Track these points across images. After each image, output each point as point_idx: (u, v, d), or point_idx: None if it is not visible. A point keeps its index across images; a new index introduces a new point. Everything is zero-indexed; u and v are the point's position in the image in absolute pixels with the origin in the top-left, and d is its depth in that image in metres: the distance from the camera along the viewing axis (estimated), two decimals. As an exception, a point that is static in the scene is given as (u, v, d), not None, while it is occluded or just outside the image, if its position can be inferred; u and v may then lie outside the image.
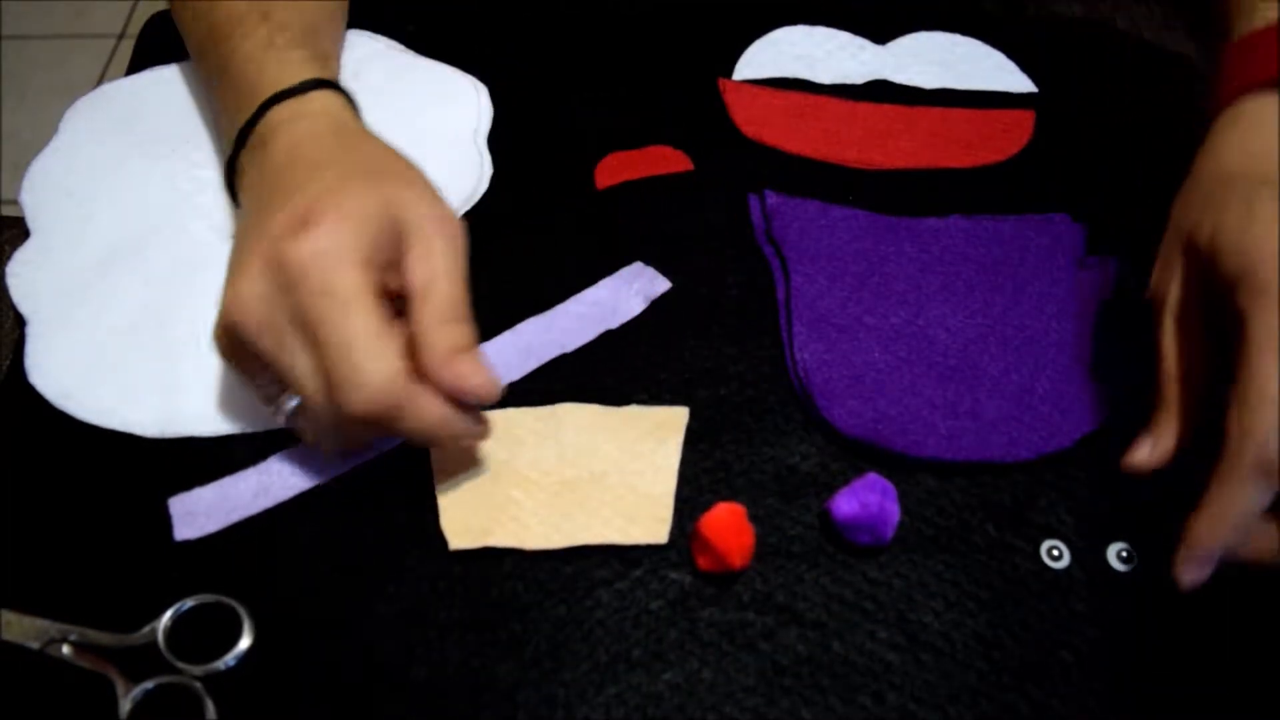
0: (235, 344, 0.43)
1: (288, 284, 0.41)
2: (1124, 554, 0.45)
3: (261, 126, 0.48)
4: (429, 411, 0.41)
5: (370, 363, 0.40)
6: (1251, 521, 0.39)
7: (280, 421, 0.45)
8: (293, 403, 0.44)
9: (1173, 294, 0.44)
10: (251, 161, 0.48)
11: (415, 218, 0.43)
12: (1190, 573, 0.40)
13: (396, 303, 0.43)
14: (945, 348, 0.50)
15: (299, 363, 0.42)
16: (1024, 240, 0.54)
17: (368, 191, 0.43)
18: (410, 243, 0.43)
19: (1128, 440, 0.48)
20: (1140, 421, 0.48)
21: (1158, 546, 0.45)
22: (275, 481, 0.46)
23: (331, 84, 0.49)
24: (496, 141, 0.58)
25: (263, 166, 0.47)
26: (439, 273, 0.42)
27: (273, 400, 0.45)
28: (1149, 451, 0.43)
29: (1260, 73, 0.46)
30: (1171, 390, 0.43)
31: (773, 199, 0.55)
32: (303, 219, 0.41)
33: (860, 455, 0.47)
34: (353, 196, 0.42)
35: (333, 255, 0.41)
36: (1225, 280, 0.41)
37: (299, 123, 0.47)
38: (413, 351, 0.42)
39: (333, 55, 0.54)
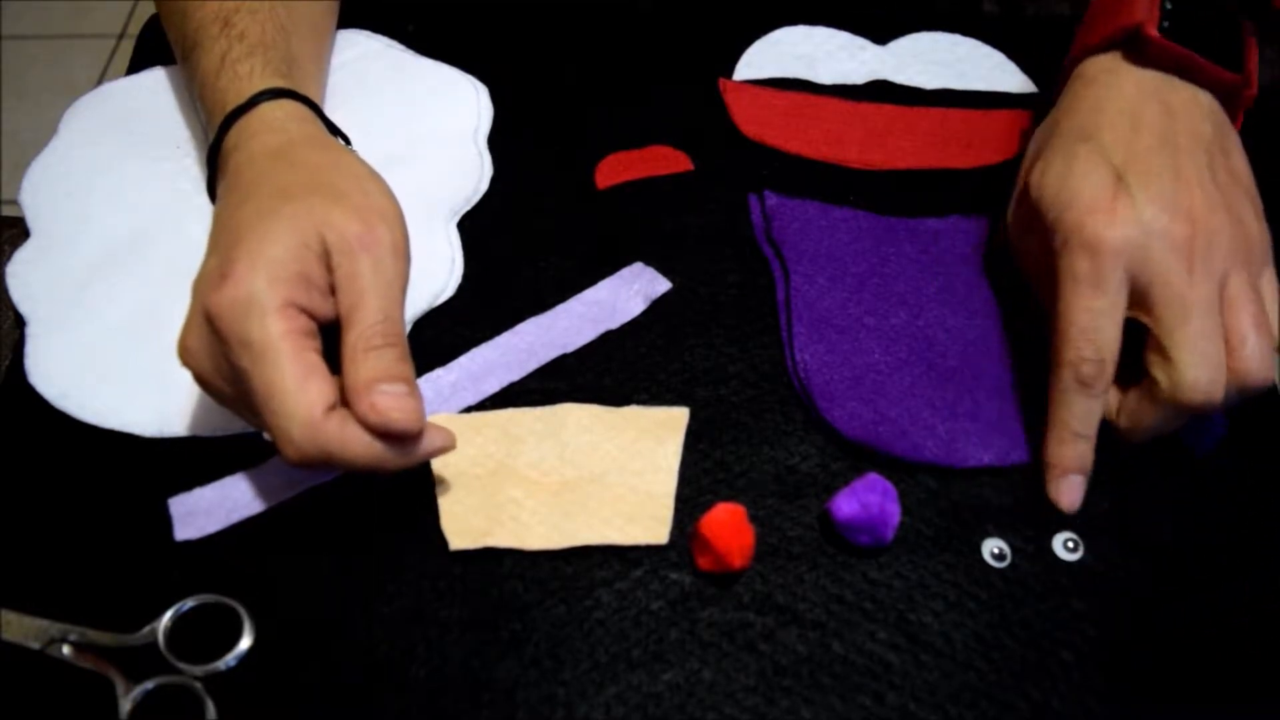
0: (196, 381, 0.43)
1: (217, 332, 0.40)
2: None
3: (224, 148, 0.48)
4: (356, 452, 0.40)
5: (287, 415, 0.39)
6: (1091, 428, 0.45)
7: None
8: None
9: (1013, 225, 0.50)
10: (221, 185, 0.47)
11: (339, 238, 0.42)
12: (1065, 494, 0.46)
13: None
14: (945, 349, 0.50)
15: (240, 407, 0.42)
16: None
17: (293, 219, 0.42)
18: (335, 264, 0.42)
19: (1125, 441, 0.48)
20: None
21: (1158, 546, 0.45)
22: (275, 481, 0.46)
23: (283, 92, 0.48)
24: (496, 141, 0.58)
25: (222, 193, 0.46)
26: (362, 295, 0.41)
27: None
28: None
29: (1096, 35, 0.50)
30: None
31: (772, 199, 0.55)
32: (226, 263, 0.41)
33: (861, 456, 0.47)
34: (269, 235, 0.41)
35: (247, 304, 0.40)
36: (1046, 225, 0.46)
37: (242, 147, 0.47)
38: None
39: (302, 57, 0.53)
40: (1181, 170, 0.45)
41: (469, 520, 0.45)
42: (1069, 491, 0.46)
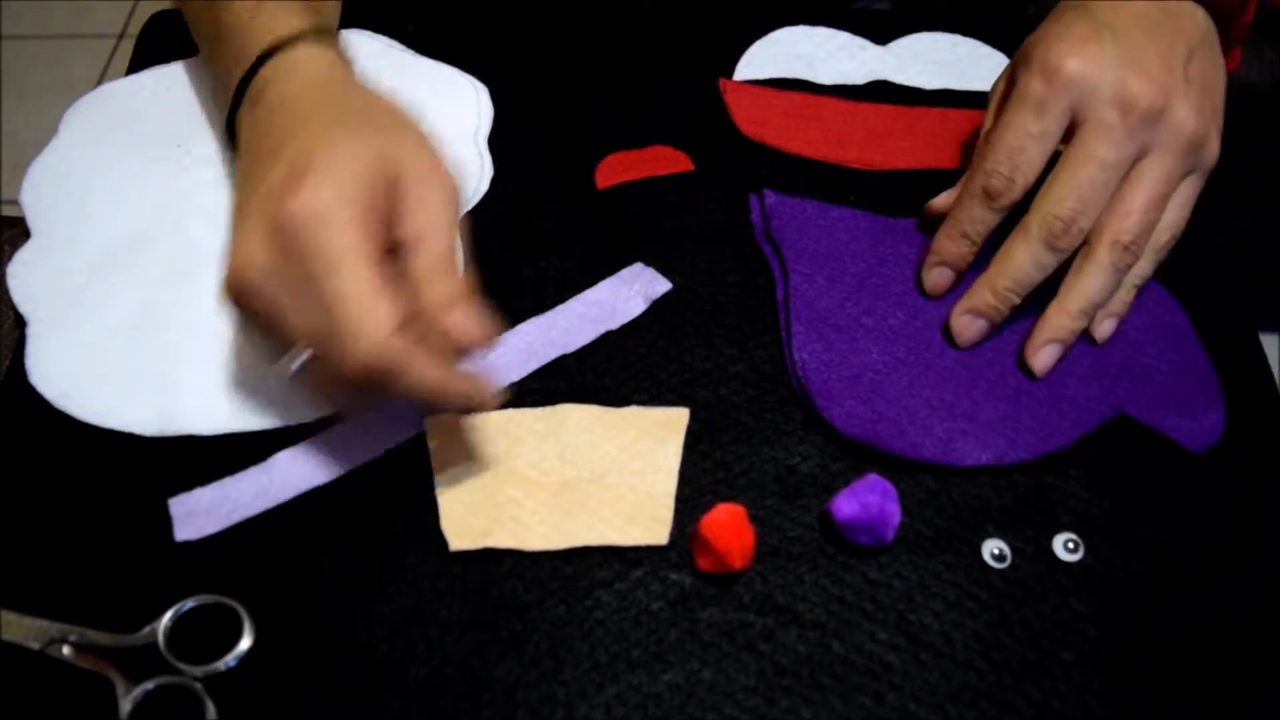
0: (241, 303, 0.43)
1: (284, 245, 0.41)
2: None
3: (257, 80, 0.48)
4: (424, 373, 0.41)
5: (361, 323, 0.40)
6: (979, 235, 0.49)
7: (285, 379, 0.45)
8: (296, 362, 0.44)
9: (998, 89, 0.52)
10: (248, 116, 0.48)
11: (407, 169, 0.43)
12: (932, 280, 0.51)
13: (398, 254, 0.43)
14: (942, 349, 0.50)
15: (299, 321, 0.42)
16: None
17: (358, 144, 0.43)
18: (402, 194, 0.43)
19: (1130, 440, 0.48)
20: (1138, 421, 0.48)
21: (1158, 546, 0.46)
22: (275, 482, 0.46)
23: (324, 34, 0.49)
24: (496, 142, 0.58)
25: (257, 121, 0.47)
26: (430, 225, 0.42)
27: (277, 359, 0.45)
28: (944, 199, 0.52)
29: None
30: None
31: (771, 198, 0.55)
32: (295, 177, 0.41)
33: (860, 456, 0.47)
34: (343, 150, 0.42)
35: (325, 215, 0.40)
36: (1016, 62, 0.49)
37: (291, 76, 0.47)
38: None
39: (331, 18, 0.54)
40: (1160, 49, 0.47)
41: (469, 520, 0.45)
42: (939, 279, 0.51)
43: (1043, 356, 0.48)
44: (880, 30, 0.64)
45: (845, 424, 0.47)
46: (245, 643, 0.42)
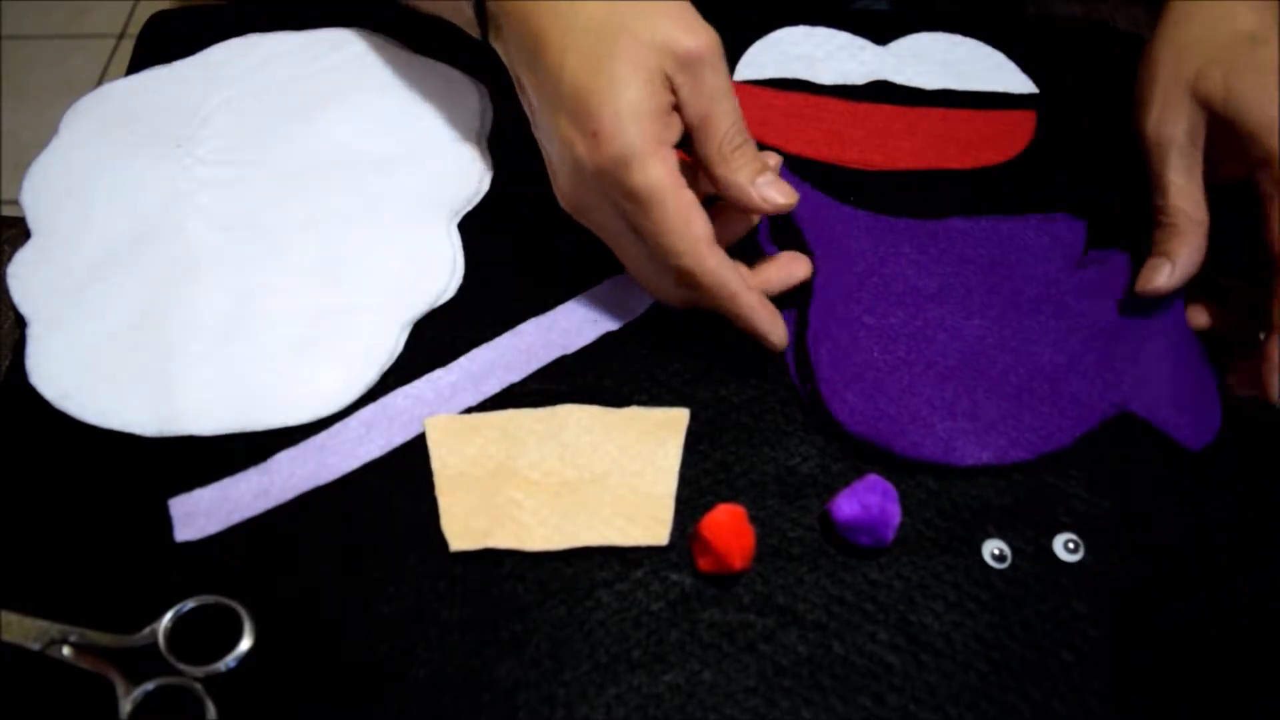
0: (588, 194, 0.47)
1: (602, 189, 0.45)
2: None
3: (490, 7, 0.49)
4: (738, 281, 0.46)
5: (677, 250, 0.45)
6: None
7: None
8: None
9: (1180, 134, 0.49)
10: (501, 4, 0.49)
11: (676, 58, 0.44)
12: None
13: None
14: (943, 348, 0.50)
15: (625, 244, 0.48)
16: (1022, 241, 0.54)
17: (625, 61, 0.44)
18: (678, 83, 0.45)
19: (1130, 440, 0.48)
20: (1138, 421, 0.48)
21: (1158, 546, 0.46)
22: (276, 482, 0.46)
23: None
24: (497, 142, 0.58)
25: (514, 9, 0.48)
26: (713, 102, 0.45)
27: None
28: (1168, 275, 0.49)
29: None
30: (1183, 218, 0.49)
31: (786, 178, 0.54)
32: (586, 127, 0.44)
33: (860, 456, 0.47)
34: (616, 81, 0.44)
35: (624, 158, 0.43)
36: (1248, 128, 0.47)
37: None
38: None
39: None
40: None
41: (469, 521, 0.45)
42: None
43: None
44: (880, 30, 0.64)
45: (850, 419, 0.47)
46: (245, 643, 0.42)
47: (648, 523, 0.45)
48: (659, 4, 0.45)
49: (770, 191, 0.46)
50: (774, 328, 0.48)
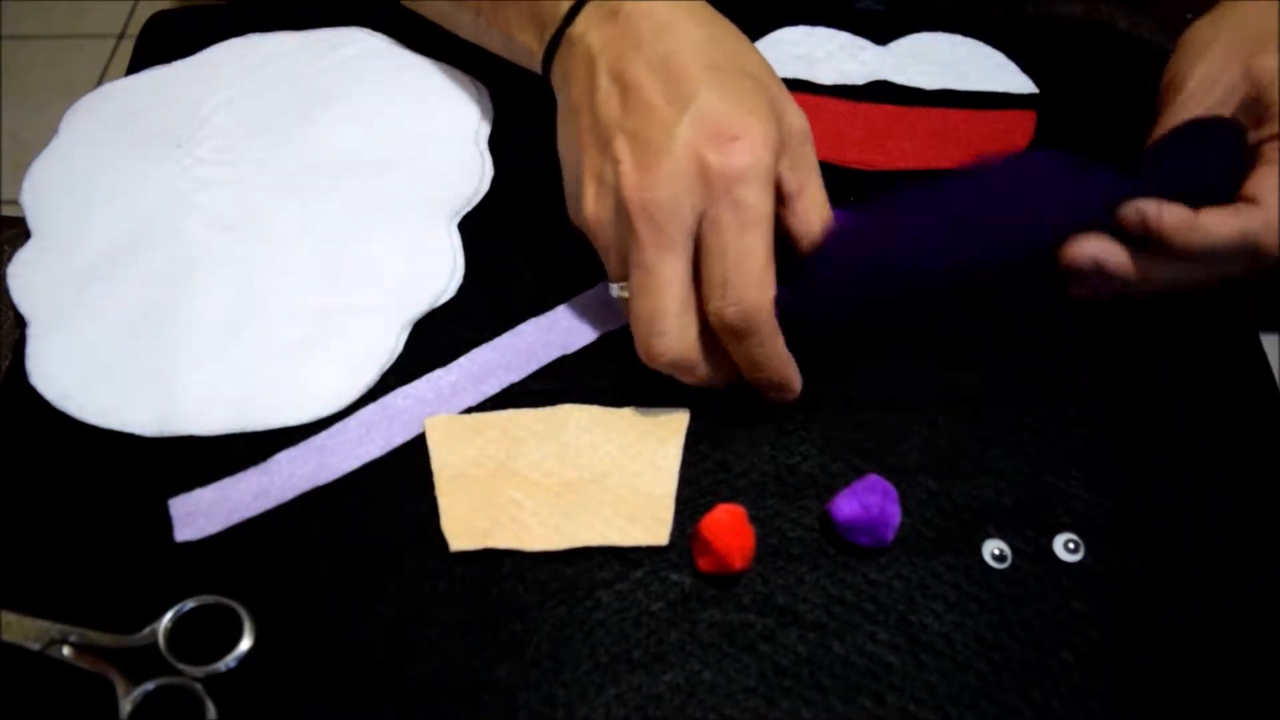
0: (607, 222, 0.46)
1: (708, 189, 0.43)
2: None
3: (572, 32, 0.49)
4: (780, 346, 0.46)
5: (755, 282, 0.43)
6: (1193, 259, 0.46)
7: (613, 295, 0.48)
8: (617, 289, 0.47)
9: (1216, 99, 0.48)
10: (599, 29, 0.48)
11: (789, 125, 0.46)
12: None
13: None
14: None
15: (673, 263, 0.44)
16: (1054, 180, 0.49)
17: (762, 100, 0.45)
18: (790, 151, 0.46)
19: (1130, 440, 0.48)
20: (1138, 421, 0.48)
21: (1158, 546, 0.46)
22: (276, 482, 0.46)
23: None
24: (497, 142, 0.58)
25: (625, 35, 0.47)
26: (810, 176, 0.47)
27: (616, 279, 0.47)
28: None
29: None
30: None
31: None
32: (724, 133, 0.43)
33: (861, 456, 0.47)
34: (757, 110, 0.44)
35: (754, 171, 0.43)
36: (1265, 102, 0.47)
37: (622, 16, 0.47)
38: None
39: None
40: None
41: (469, 521, 0.45)
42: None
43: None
44: (880, 30, 0.64)
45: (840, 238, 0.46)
46: (245, 643, 0.42)
47: (648, 523, 0.45)
48: (767, 69, 0.48)
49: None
50: (796, 376, 0.47)
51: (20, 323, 0.51)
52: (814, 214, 0.47)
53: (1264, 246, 0.45)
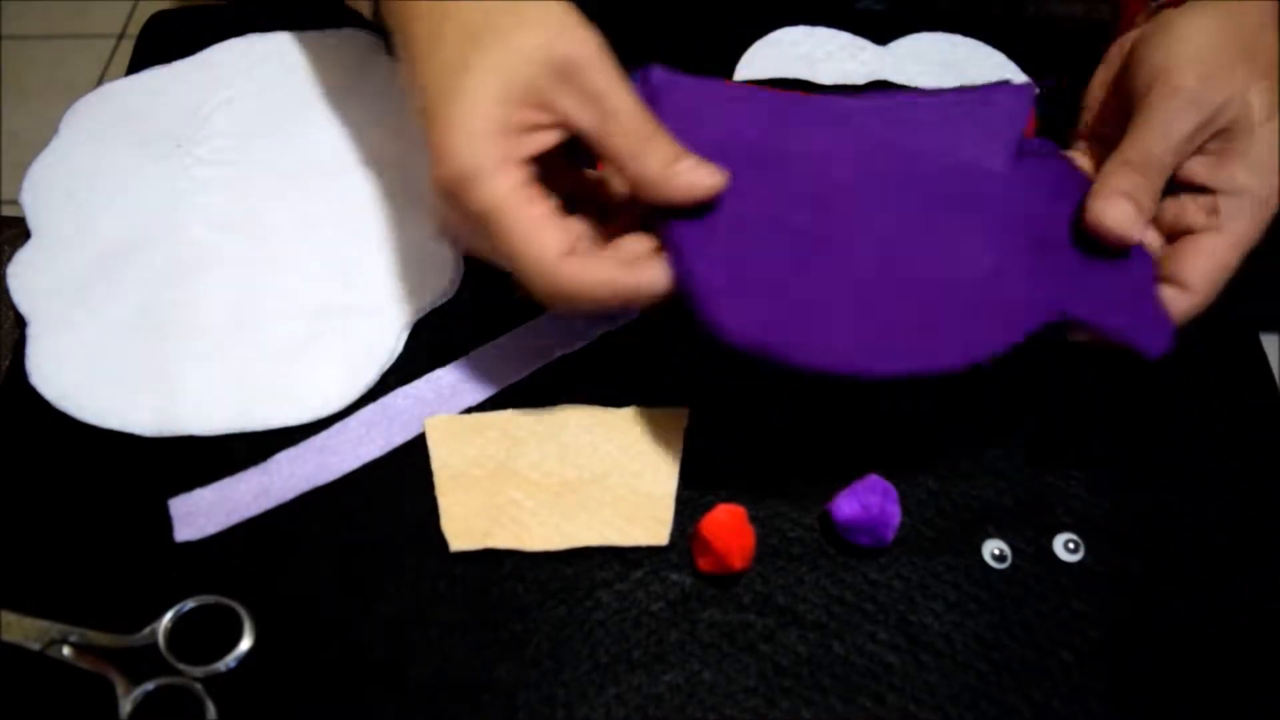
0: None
1: (450, 205, 0.43)
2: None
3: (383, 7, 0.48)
4: (597, 293, 0.42)
5: (526, 266, 0.42)
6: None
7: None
8: None
9: (1213, 104, 0.45)
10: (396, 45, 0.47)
11: (550, 64, 0.42)
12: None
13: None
14: (856, 247, 0.44)
15: (491, 256, 0.44)
16: (954, 124, 0.47)
17: (492, 67, 0.42)
18: (556, 92, 0.42)
19: (1129, 440, 0.48)
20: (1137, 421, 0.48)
21: (1158, 546, 0.46)
22: (276, 482, 0.46)
23: None
24: (497, 142, 0.58)
25: (400, 51, 0.47)
26: (603, 105, 0.42)
27: None
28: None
29: None
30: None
31: (659, 76, 0.46)
32: (433, 145, 0.42)
33: (861, 455, 0.47)
34: (466, 97, 0.42)
35: (464, 176, 0.41)
36: (1143, 78, 0.46)
37: None
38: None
39: None
40: None
41: (469, 521, 0.45)
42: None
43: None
44: (880, 30, 0.64)
45: (736, 324, 0.42)
46: (245, 643, 0.42)
47: (648, 523, 0.45)
48: (533, 9, 0.43)
49: (691, 176, 0.42)
50: (647, 295, 0.43)
51: (20, 323, 0.51)
52: (627, 143, 0.42)
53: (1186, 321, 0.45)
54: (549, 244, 0.42)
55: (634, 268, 0.43)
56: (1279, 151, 0.45)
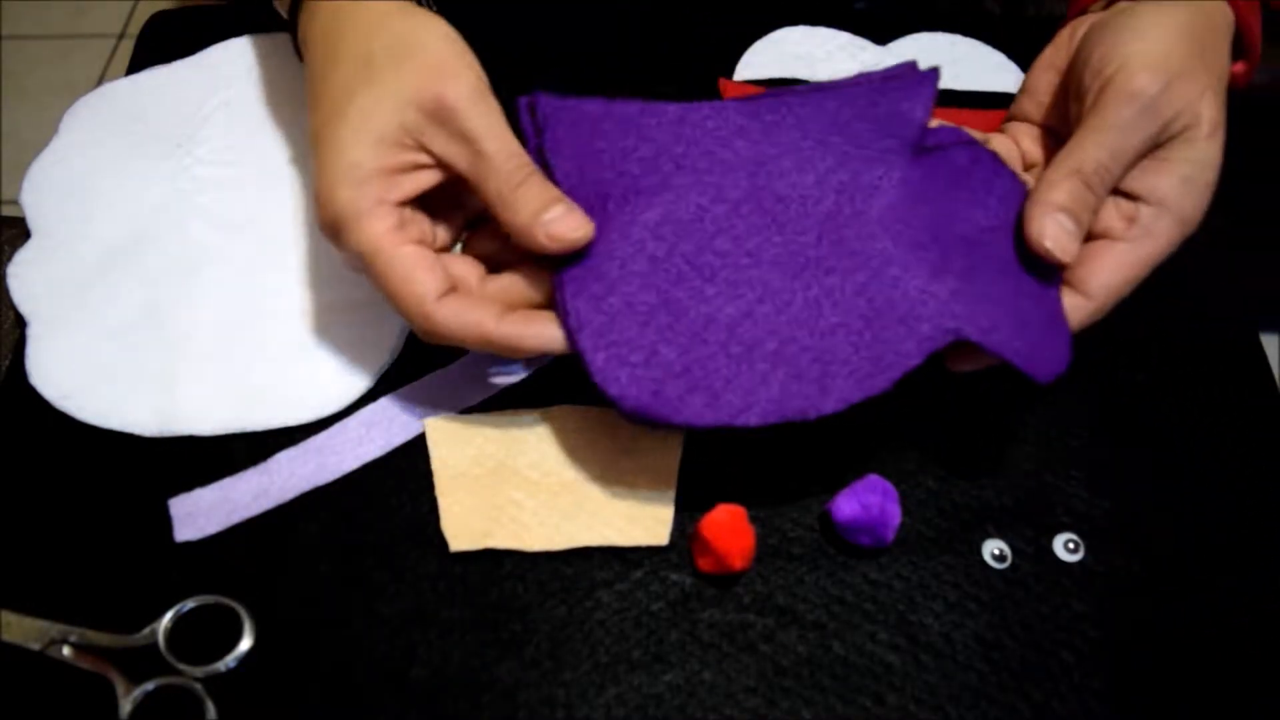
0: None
1: (334, 244, 0.43)
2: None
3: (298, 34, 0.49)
4: (470, 335, 0.42)
5: (404, 308, 0.42)
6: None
7: None
8: None
9: (1174, 108, 0.44)
10: (305, 21, 0.48)
11: (421, 107, 0.42)
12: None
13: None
14: (745, 283, 0.42)
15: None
16: (847, 120, 0.45)
17: (356, 122, 0.42)
18: (429, 134, 0.42)
19: (1130, 440, 0.48)
20: (1137, 421, 0.48)
21: (1158, 546, 0.46)
22: (275, 482, 0.46)
23: None
24: (497, 142, 0.58)
25: (307, 39, 0.47)
26: (476, 148, 0.42)
27: None
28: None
29: None
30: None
31: (548, 104, 0.45)
32: (317, 191, 0.43)
33: (861, 455, 0.47)
34: (340, 143, 0.42)
35: (339, 221, 0.42)
36: (1096, 71, 0.44)
37: (306, 39, 0.47)
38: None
39: None
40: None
41: (469, 521, 0.45)
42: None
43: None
44: (880, 30, 0.64)
45: (624, 393, 0.40)
46: (245, 643, 0.42)
47: (648, 523, 0.45)
48: (415, 46, 0.43)
49: (558, 227, 0.41)
50: (554, 340, 0.42)
51: (20, 323, 0.51)
52: (499, 188, 0.42)
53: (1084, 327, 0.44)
54: (424, 284, 0.42)
55: (516, 320, 0.42)
56: (1216, 171, 0.44)
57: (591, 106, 0.45)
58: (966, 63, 0.63)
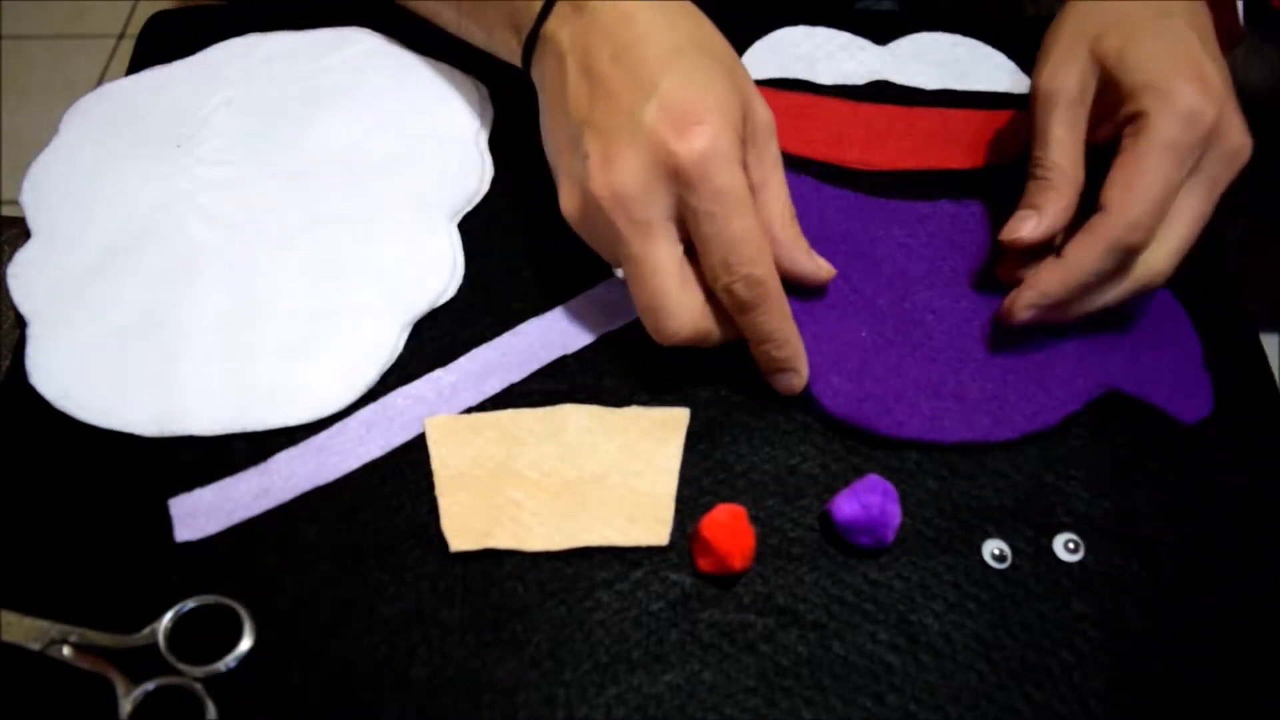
0: (587, 218, 0.46)
1: (676, 176, 0.43)
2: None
3: (546, 30, 0.49)
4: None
5: (750, 255, 0.44)
6: (1091, 287, 0.47)
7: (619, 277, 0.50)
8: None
9: (1070, 87, 0.48)
10: (568, 24, 0.48)
11: (754, 115, 0.46)
12: (1027, 313, 0.47)
13: None
14: (930, 329, 0.50)
15: (660, 249, 0.45)
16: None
17: (727, 86, 0.45)
18: (754, 141, 0.46)
19: (1130, 440, 0.48)
20: (1129, 407, 0.48)
21: (1158, 546, 0.46)
22: (276, 482, 0.46)
23: None
24: (497, 142, 0.58)
25: (590, 29, 0.47)
26: (773, 171, 0.47)
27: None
28: (1033, 226, 0.48)
29: None
30: (1058, 174, 0.48)
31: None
32: (686, 118, 0.43)
33: (860, 456, 0.47)
34: (719, 92, 0.44)
35: (722, 155, 0.43)
36: (1129, 87, 0.46)
37: (587, 12, 0.47)
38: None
39: None
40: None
41: (469, 521, 0.45)
42: (1032, 314, 0.47)
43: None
44: (880, 30, 0.64)
45: (831, 401, 0.48)
46: (245, 643, 0.42)
47: (648, 523, 0.45)
48: (741, 65, 0.48)
49: (808, 266, 0.48)
50: (803, 364, 0.47)
51: (20, 323, 0.51)
52: (775, 207, 0.47)
53: (1134, 245, 0.45)
54: (767, 246, 0.45)
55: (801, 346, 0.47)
56: (1198, 42, 0.47)
57: (803, 182, 0.55)
58: (966, 63, 0.63)
